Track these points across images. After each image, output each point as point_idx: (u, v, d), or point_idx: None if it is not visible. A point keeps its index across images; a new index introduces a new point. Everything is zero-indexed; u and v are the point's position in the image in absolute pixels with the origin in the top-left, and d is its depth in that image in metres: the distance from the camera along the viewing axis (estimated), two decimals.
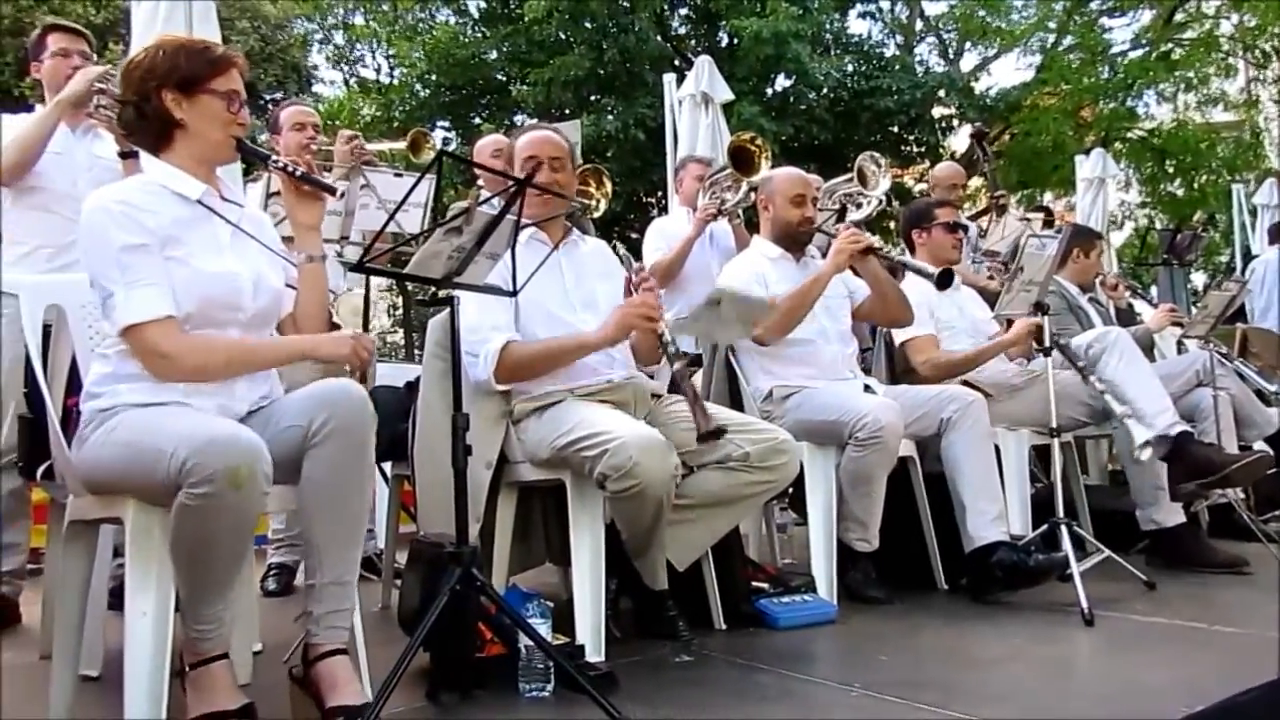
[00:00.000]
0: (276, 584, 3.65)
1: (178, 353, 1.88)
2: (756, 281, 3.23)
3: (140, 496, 1.82)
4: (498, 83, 14.88)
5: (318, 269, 2.17)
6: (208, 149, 2.03)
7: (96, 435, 1.86)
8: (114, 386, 1.90)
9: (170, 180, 1.99)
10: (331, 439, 1.83)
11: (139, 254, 1.87)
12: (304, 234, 2.16)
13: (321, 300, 2.19)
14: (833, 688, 2.15)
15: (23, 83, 11.97)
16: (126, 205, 1.90)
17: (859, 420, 2.92)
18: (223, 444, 1.68)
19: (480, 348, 2.53)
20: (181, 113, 1.98)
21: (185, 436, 1.70)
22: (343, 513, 1.91)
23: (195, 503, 1.65)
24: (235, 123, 2.03)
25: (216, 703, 1.80)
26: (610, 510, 2.51)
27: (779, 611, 2.74)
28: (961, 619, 2.86)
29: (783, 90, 13.36)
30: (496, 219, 1.99)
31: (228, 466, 1.65)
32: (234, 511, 1.70)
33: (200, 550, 1.74)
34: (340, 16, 18.16)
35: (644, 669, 2.33)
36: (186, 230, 1.96)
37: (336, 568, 1.91)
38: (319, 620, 1.91)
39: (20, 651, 2.89)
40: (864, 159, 3.91)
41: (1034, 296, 3.08)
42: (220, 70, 2.00)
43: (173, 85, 1.97)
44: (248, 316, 2.02)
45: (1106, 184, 7.98)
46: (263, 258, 2.09)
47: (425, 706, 2.08)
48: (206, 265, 1.96)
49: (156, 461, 1.69)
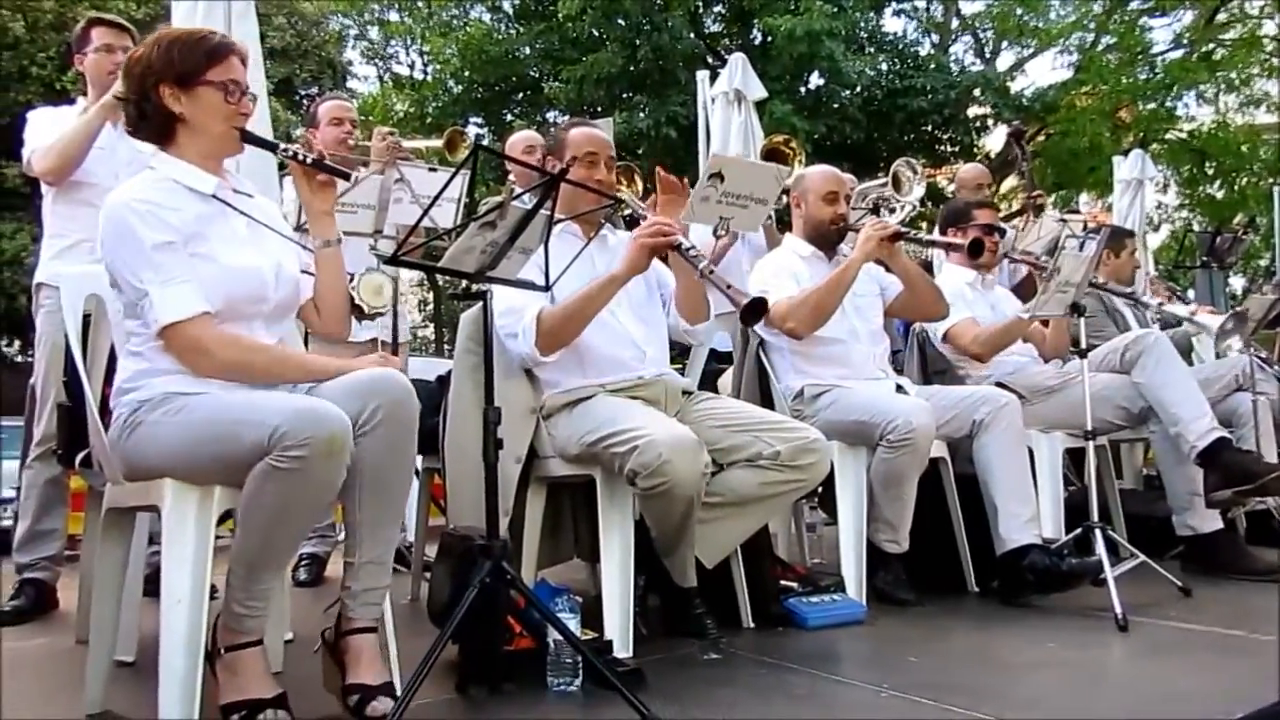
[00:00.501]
0: (308, 574, 3.70)
1: (216, 349, 1.90)
2: (790, 278, 3.21)
3: (195, 475, 1.83)
4: (530, 80, 14.92)
5: (335, 253, 2.18)
6: (211, 142, 2.03)
7: (154, 416, 1.86)
8: (149, 380, 1.92)
9: (182, 176, 2.00)
10: (381, 427, 1.84)
11: (169, 252, 1.89)
12: (319, 220, 2.17)
13: (340, 284, 2.20)
14: (861, 688, 2.14)
15: (64, 77, 12.17)
16: (150, 204, 1.91)
17: (890, 421, 2.89)
18: (318, 413, 1.72)
19: (516, 325, 2.54)
20: (181, 107, 1.98)
21: (277, 408, 1.74)
22: (386, 497, 1.93)
23: (286, 465, 1.68)
24: (237, 113, 2.02)
25: (250, 690, 1.82)
26: (640, 507, 2.52)
27: (808, 611, 2.73)
28: (992, 622, 2.84)
29: (815, 89, 13.28)
30: (531, 213, 1.99)
31: (324, 434, 1.70)
32: (320, 479, 1.73)
33: (278, 515, 1.76)
34: (375, 13, 18.29)
35: (671, 666, 2.33)
36: (208, 226, 1.98)
37: (376, 548, 1.94)
38: (356, 596, 1.94)
39: (57, 636, 2.95)
40: (900, 164, 3.88)
41: (1070, 298, 3.04)
42: (217, 60, 1.99)
43: (170, 80, 1.96)
44: (270, 308, 2.05)
45: (1145, 185, 7.86)
46: (279, 246, 2.11)
47: (454, 699, 2.10)
48: (231, 260, 1.98)
49: (242, 431, 1.73)
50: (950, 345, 3.58)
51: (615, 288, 2.57)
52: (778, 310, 3.12)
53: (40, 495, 3.19)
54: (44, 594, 3.22)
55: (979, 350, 3.49)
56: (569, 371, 2.66)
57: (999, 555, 3.01)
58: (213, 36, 2.04)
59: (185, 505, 1.84)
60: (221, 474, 1.81)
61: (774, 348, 3.27)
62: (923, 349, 3.71)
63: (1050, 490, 3.35)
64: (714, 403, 2.78)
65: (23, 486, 3.25)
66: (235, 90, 2.00)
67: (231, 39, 2.09)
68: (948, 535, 3.22)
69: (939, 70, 13.49)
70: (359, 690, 1.88)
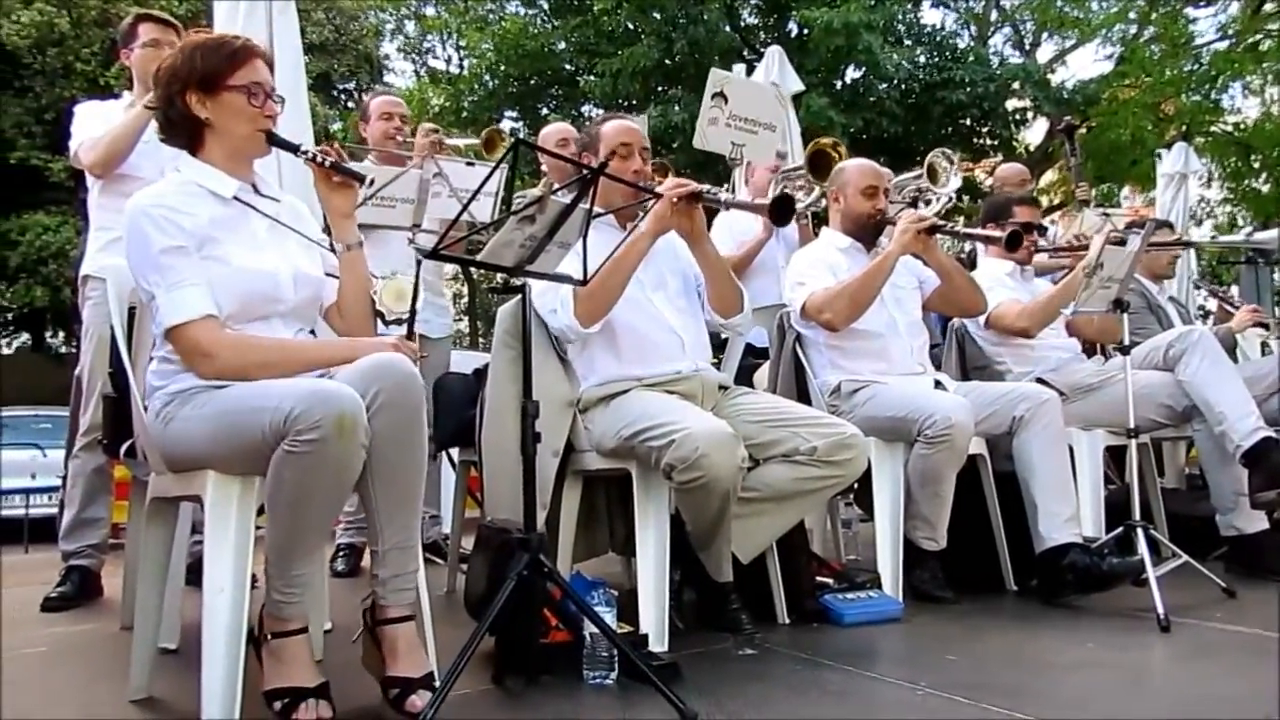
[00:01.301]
0: (345, 565, 3.74)
1: (219, 351, 1.91)
2: (826, 270, 3.19)
3: (230, 466, 1.86)
4: (566, 74, 14.96)
5: (357, 256, 2.18)
6: (236, 144, 2.05)
7: (184, 411, 1.90)
8: (177, 376, 1.95)
9: (205, 179, 2.03)
10: (383, 411, 1.84)
11: (177, 256, 1.92)
12: (340, 222, 2.17)
13: (363, 287, 2.21)
14: (899, 686, 2.12)
15: (108, 72, 12.37)
16: (165, 208, 1.94)
17: (929, 417, 2.87)
18: (328, 394, 1.73)
19: (555, 300, 2.55)
20: (206, 112, 2.02)
21: (288, 392, 1.75)
22: (399, 480, 1.91)
23: (301, 449, 1.70)
24: (261, 114, 2.04)
25: (294, 677, 1.84)
26: (676, 501, 2.52)
27: (844, 608, 2.72)
28: (1031, 622, 2.81)
29: (852, 82, 13.21)
30: (570, 208, 1.99)
31: (335, 413, 1.70)
32: (336, 460, 1.74)
33: (300, 500, 1.78)
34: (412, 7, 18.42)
35: (707, 661, 2.32)
36: (223, 229, 2.00)
37: (398, 533, 1.94)
38: (385, 583, 1.94)
39: (102, 622, 3.00)
40: (935, 155, 3.84)
41: (1113, 294, 2.99)
42: (239, 64, 2.02)
43: (194, 86, 2.00)
44: (288, 308, 2.06)
45: (1188, 180, 7.74)
46: (301, 250, 2.12)
47: (491, 690, 2.11)
48: (245, 262, 1.99)
49: (258, 419, 1.74)
50: (995, 329, 3.53)
51: (645, 244, 2.57)
52: (814, 301, 3.11)
53: (86, 484, 3.25)
54: (89, 581, 3.29)
55: (1025, 324, 3.44)
56: (607, 359, 2.66)
57: (1038, 554, 2.97)
58: (235, 41, 2.07)
59: (226, 496, 1.86)
60: (250, 463, 1.83)
61: (810, 343, 3.25)
62: (961, 345, 3.67)
63: (1090, 489, 3.30)
64: (751, 397, 2.77)
65: (68, 476, 3.31)
66: (259, 92, 2.03)
67: (254, 43, 2.11)
68: (986, 533, 3.19)
69: (978, 63, 13.36)
70: (400, 684, 1.89)
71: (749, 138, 3.22)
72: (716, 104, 3.03)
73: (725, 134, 3.01)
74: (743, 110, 3.06)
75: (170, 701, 2.09)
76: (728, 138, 3.03)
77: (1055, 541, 2.93)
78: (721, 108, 3.11)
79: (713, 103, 2.93)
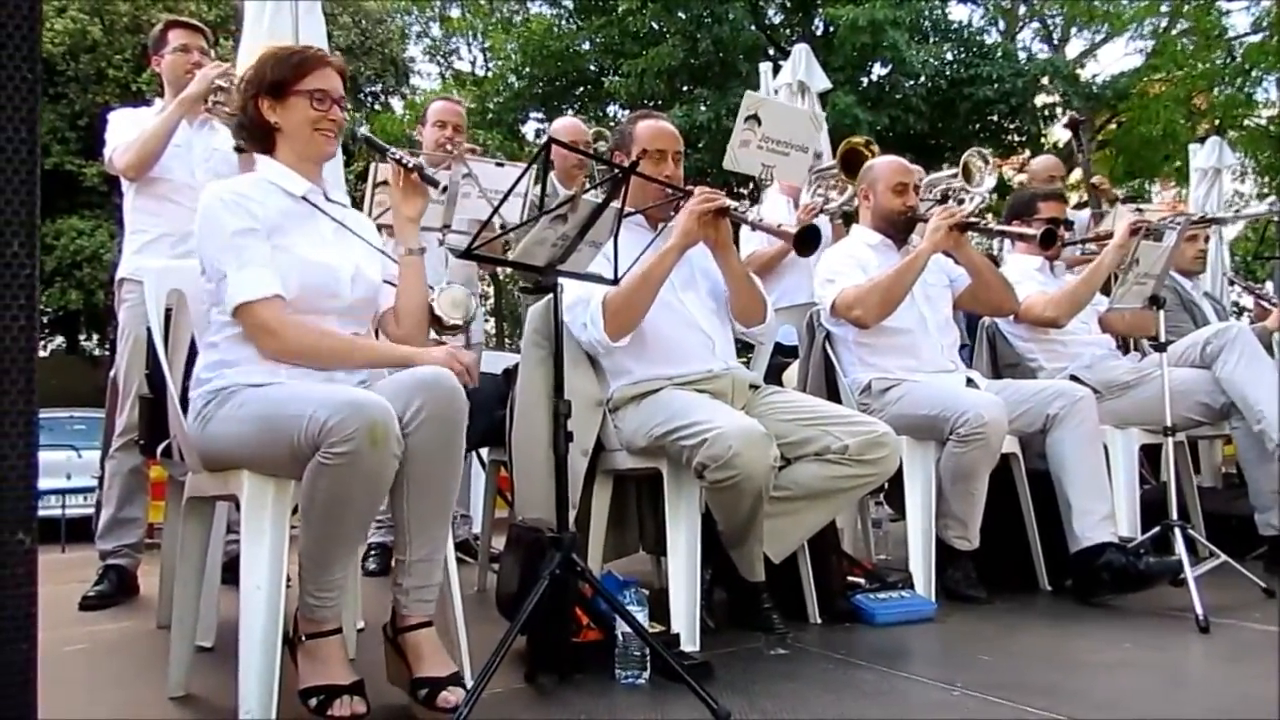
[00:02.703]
0: (376, 564, 3.75)
1: (285, 331, 1.96)
2: (857, 267, 3.18)
3: (265, 468, 1.88)
4: (591, 74, 14.98)
5: (417, 262, 2.23)
6: (303, 147, 2.13)
7: (222, 411, 1.93)
8: (223, 371, 1.99)
9: (277, 177, 2.11)
10: (425, 425, 1.86)
11: (249, 237, 1.98)
12: (405, 226, 2.23)
13: (421, 293, 2.24)
14: (933, 686, 2.10)
15: (140, 78, 12.52)
16: (238, 195, 2.03)
17: (961, 415, 2.85)
18: (361, 405, 1.75)
19: (585, 315, 2.56)
20: (275, 117, 2.11)
21: (322, 400, 1.77)
22: (432, 495, 1.94)
23: (334, 461, 1.72)
24: (325, 118, 2.11)
25: (329, 675, 1.85)
26: (707, 500, 2.51)
27: (876, 608, 2.70)
28: (1067, 622, 2.78)
29: (878, 79, 13.12)
30: (601, 207, 1.99)
31: (367, 424, 1.73)
32: (370, 470, 1.76)
33: (334, 510, 1.79)
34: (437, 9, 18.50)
35: (739, 661, 2.32)
36: (291, 222, 2.07)
37: (425, 546, 1.95)
38: (407, 593, 1.96)
39: (139, 621, 3.04)
40: (971, 155, 3.80)
41: (1149, 290, 2.96)
42: (306, 71, 2.10)
43: (265, 92, 2.09)
44: (345, 305, 2.10)
45: (1222, 174, 7.62)
46: (363, 253, 2.18)
47: (523, 689, 2.11)
48: (307, 254, 2.05)
49: (292, 426, 1.77)
50: (1024, 321, 3.49)
51: (672, 259, 2.56)
52: (844, 298, 3.09)
53: (122, 484, 3.30)
54: (126, 580, 3.33)
55: (1054, 314, 3.40)
56: (638, 360, 2.65)
57: (1073, 553, 2.94)
58: (306, 50, 2.17)
59: (262, 496, 1.88)
60: (286, 468, 1.86)
61: (840, 341, 3.23)
62: (993, 343, 3.64)
63: (1126, 487, 3.27)
64: (781, 396, 2.76)
65: (105, 476, 3.35)
66: (324, 98, 2.10)
67: (326, 53, 2.19)
68: (1019, 533, 3.16)
69: (1006, 58, 13.24)
70: (427, 684, 1.90)
71: (780, 159, 3.21)
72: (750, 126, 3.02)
73: (756, 156, 3.01)
74: (775, 133, 3.05)
75: (208, 699, 2.11)
76: (758, 159, 3.03)
77: (1091, 541, 2.90)
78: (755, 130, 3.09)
79: (746, 125, 2.92)
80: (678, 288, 2.69)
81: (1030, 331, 3.53)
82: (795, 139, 3.04)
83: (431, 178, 2.23)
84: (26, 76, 0.92)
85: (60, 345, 17.61)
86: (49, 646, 1.41)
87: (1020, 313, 3.45)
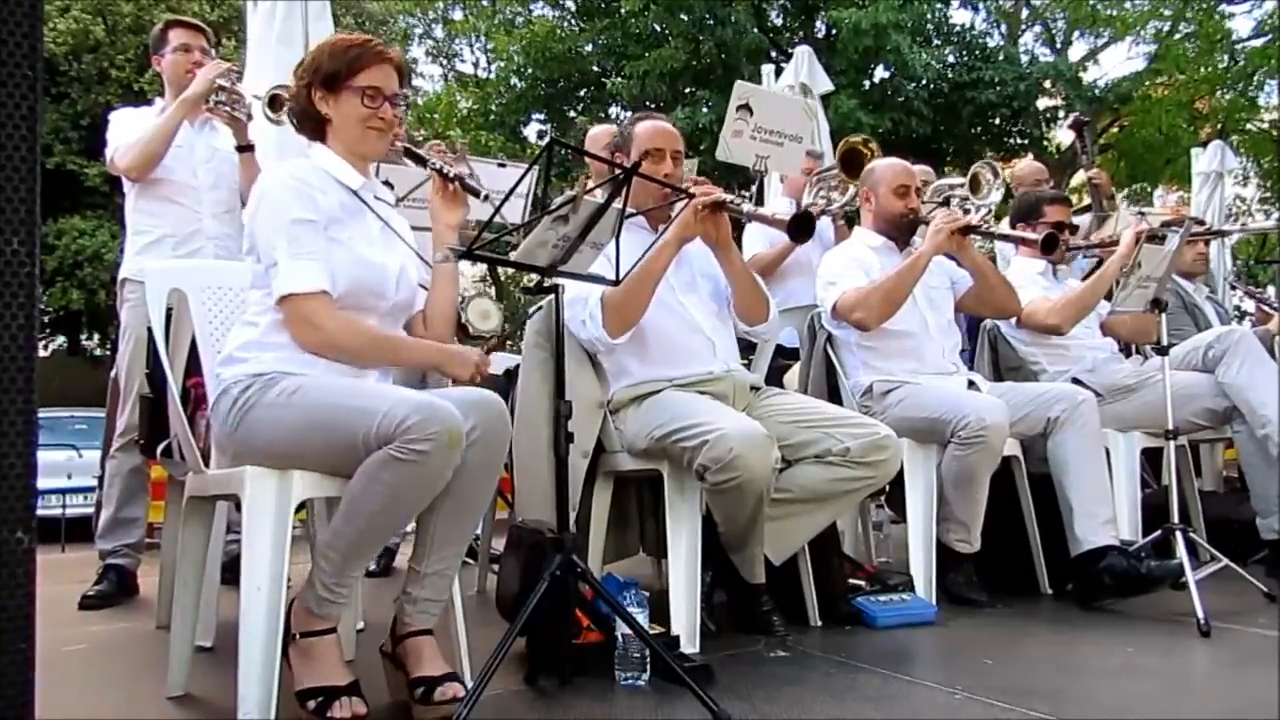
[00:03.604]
0: (377, 565, 3.76)
1: (328, 327, 1.94)
2: (859, 269, 3.17)
3: (310, 460, 1.87)
4: (594, 76, 14.99)
5: (451, 269, 2.21)
6: (352, 143, 2.09)
7: (267, 398, 1.88)
8: (258, 354, 1.95)
9: (333, 167, 2.08)
10: (477, 445, 1.87)
11: (307, 228, 1.95)
12: (444, 233, 2.21)
13: (452, 299, 2.23)
14: (936, 690, 2.10)
15: (142, 78, 12.53)
16: (302, 182, 1.99)
17: (963, 418, 2.84)
18: (438, 408, 1.77)
19: (583, 313, 2.55)
20: (328, 109, 2.07)
21: (400, 398, 1.79)
22: (465, 512, 1.96)
23: (408, 456, 1.72)
24: (375, 116, 2.07)
25: (326, 676, 1.85)
26: (708, 502, 2.50)
27: (877, 610, 2.69)
28: (1068, 626, 2.77)
29: (881, 82, 13.12)
30: (603, 207, 1.99)
31: (448, 427, 1.75)
32: (436, 472, 1.78)
33: (387, 506, 1.80)
34: (440, 11, 18.51)
35: (739, 663, 2.31)
36: (348, 215, 2.05)
37: (443, 560, 1.97)
38: (416, 603, 1.96)
39: (139, 621, 3.04)
40: (981, 166, 3.80)
41: (1151, 293, 2.95)
42: (362, 66, 2.05)
43: (319, 83, 2.06)
44: (389, 305, 2.09)
45: (1224, 178, 7.63)
46: (406, 255, 2.16)
47: (523, 690, 2.11)
48: (362, 252, 2.04)
49: (363, 420, 1.76)
50: (1026, 327, 3.49)
51: (670, 252, 2.56)
52: (846, 300, 3.08)
53: (123, 484, 3.29)
54: (126, 580, 3.33)
55: (1056, 320, 3.39)
56: (639, 361, 2.65)
57: (1074, 557, 2.93)
58: (367, 43, 2.09)
59: (264, 495, 1.87)
60: (327, 460, 1.85)
61: (842, 343, 3.23)
62: (994, 346, 3.63)
63: (1127, 491, 3.26)
64: (782, 398, 2.76)
65: (105, 476, 3.35)
66: (376, 95, 2.06)
67: (388, 48, 2.13)
68: (1020, 536, 3.16)
69: (1008, 62, 13.25)
70: (423, 682, 1.90)
71: (774, 149, 3.19)
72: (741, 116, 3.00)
73: (750, 146, 2.99)
74: (768, 122, 3.03)
75: (208, 699, 2.11)
76: (752, 150, 3.01)
77: (1092, 544, 2.89)
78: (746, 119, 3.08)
79: (738, 115, 2.90)
80: (678, 290, 2.69)
81: (1032, 335, 3.52)
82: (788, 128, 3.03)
83: (473, 187, 2.20)
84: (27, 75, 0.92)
85: (61, 345, 17.62)
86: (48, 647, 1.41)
87: (1022, 318, 3.44)
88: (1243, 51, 13.81)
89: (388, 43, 2.20)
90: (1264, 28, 14.20)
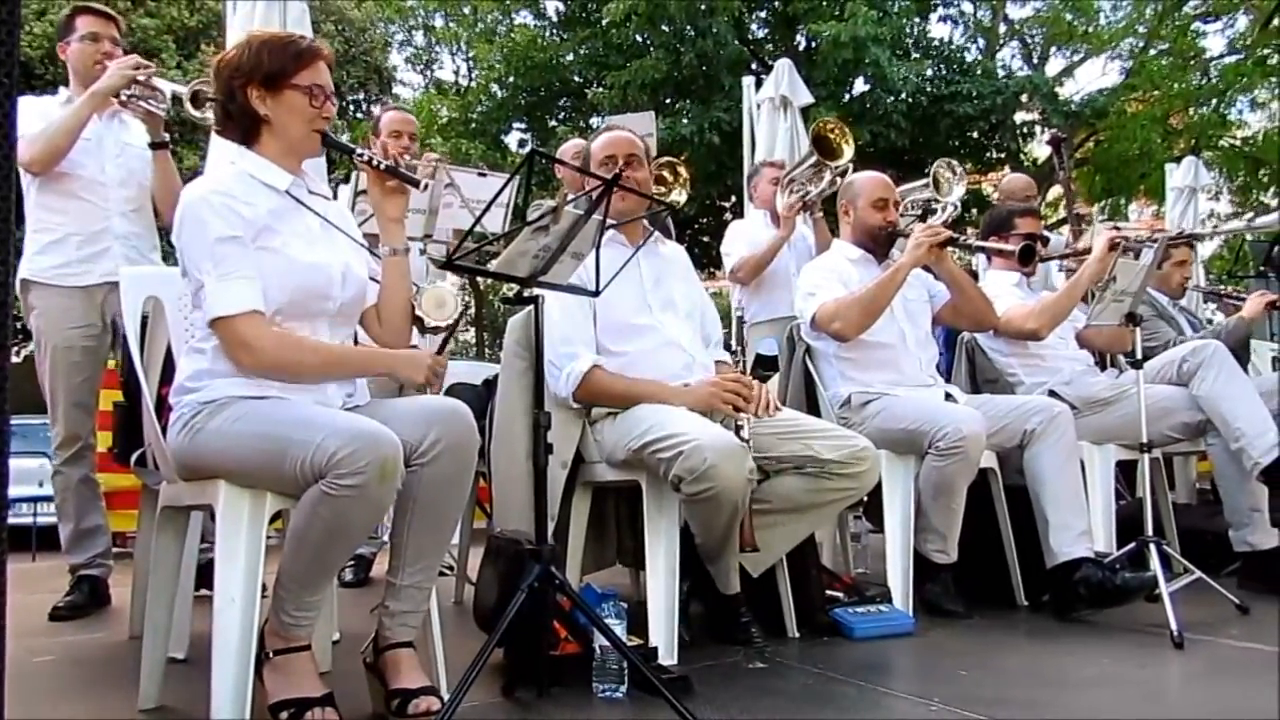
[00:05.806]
0: (354, 575, 3.73)
1: (263, 346, 1.89)
2: (838, 281, 3.19)
3: (252, 483, 1.85)
4: (575, 85, 14.98)
5: (402, 262, 2.17)
6: (293, 143, 2.04)
7: (214, 423, 1.87)
8: (212, 381, 1.92)
9: (260, 171, 2.02)
10: (441, 457, 1.86)
11: (232, 246, 1.89)
12: (389, 227, 2.16)
13: (405, 293, 2.18)
14: (912, 701, 2.10)
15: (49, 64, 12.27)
16: (226, 196, 1.92)
17: (940, 429, 2.86)
18: (372, 438, 1.72)
19: (566, 363, 2.54)
20: (266, 108, 2.01)
21: (333, 428, 1.74)
22: (437, 527, 1.96)
23: (339, 493, 1.70)
24: (319, 116, 2.04)
25: (299, 688, 1.83)
26: (685, 513, 2.50)
27: (855, 621, 2.70)
28: (1044, 637, 2.79)
29: (860, 95, 13.20)
30: (584, 218, 1.99)
31: (379, 459, 1.71)
32: (373, 503, 1.75)
33: (329, 539, 1.78)
34: (421, 19, 18.48)
35: (717, 674, 2.31)
36: (280, 220, 1.99)
37: (420, 574, 1.96)
38: (394, 616, 1.96)
39: (111, 631, 3.00)
40: (939, 165, 3.87)
41: (1126, 307, 2.98)
42: (304, 64, 2.01)
43: (257, 82, 1.99)
44: (336, 306, 2.04)
45: (1198, 193, 7.72)
46: (348, 248, 2.11)
47: (500, 702, 2.10)
48: (300, 255, 1.98)
49: (298, 450, 1.73)
50: (1005, 334, 3.50)
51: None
52: (825, 311, 3.10)
53: (76, 496, 3.20)
54: (99, 590, 3.27)
55: (1035, 325, 3.40)
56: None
57: (1050, 568, 2.95)
58: (301, 41, 2.06)
59: (238, 507, 1.85)
60: (272, 484, 1.83)
61: (821, 355, 3.24)
62: (971, 357, 3.66)
63: (1102, 503, 3.29)
64: None
65: (56, 491, 3.22)
66: (319, 94, 2.03)
67: (320, 44, 2.10)
68: (996, 547, 3.17)
69: (986, 76, 13.34)
70: (400, 695, 1.90)
71: None
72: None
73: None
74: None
75: (180, 711, 2.08)
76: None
77: (1067, 556, 2.91)
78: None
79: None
80: (655, 310, 2.70)
81: (1010, 346, 3.55)
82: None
83: (408, 175, 2.13)
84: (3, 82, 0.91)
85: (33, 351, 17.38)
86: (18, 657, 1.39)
87: (1000, 325, 3.47)
88: (1216, 69, 14.00)
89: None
90: (1236, 45, 14.42)
